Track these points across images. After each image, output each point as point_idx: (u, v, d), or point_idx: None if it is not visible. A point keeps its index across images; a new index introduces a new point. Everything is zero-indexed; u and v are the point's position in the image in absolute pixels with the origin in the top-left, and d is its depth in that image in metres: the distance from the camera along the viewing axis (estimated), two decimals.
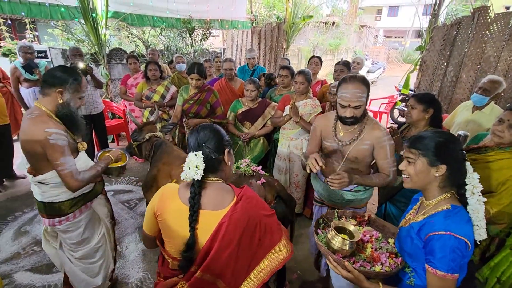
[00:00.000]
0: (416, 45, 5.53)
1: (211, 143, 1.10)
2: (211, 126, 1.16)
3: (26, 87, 4.06)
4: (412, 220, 1.19)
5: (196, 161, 1.04)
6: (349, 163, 1.76)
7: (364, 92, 1.57)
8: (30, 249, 2.64)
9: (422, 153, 1.13)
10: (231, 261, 1.05)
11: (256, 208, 1.11)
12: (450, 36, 4.34)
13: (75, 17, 4.66)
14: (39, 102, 1.58)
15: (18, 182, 3.81)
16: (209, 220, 1.05)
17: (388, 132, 1.69)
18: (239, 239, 1.04)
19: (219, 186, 1.12)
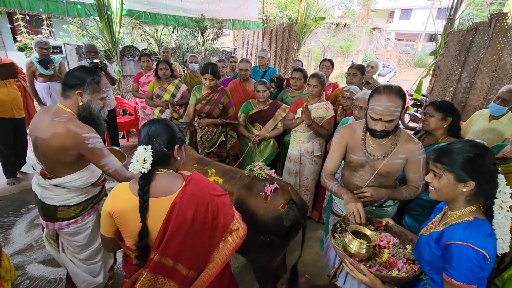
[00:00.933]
0: (428, 49, 5.47)
1: (161, 139, 1.15)
2: (164, 122, 1.21)
3: (41, 82, 4.14)
4: (433, 229, 1.18)
5: (144, 155, 1.09)
6: (379, 178, 1.67)
7: (399, 106, 1.46)
8: (42, 241, 2.67)
9: (448, 168, 1.08)
10: (187, 241, 1.11)
11: (206, 189, 1.18)
12: (465, 41, 4.27)
13: (91, 14, 4.74)
14: (62, 104, 1.56)
15: (31, 175, 3.86)
16: (161, 206, 1.10)
17: (422, 145, 1.61)
18: (192, 219, 1.09)
19: (168, 175, 1.18)
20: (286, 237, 1.67)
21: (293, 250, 2.67)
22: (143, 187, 1.10)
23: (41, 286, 2.23)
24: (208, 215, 1.14)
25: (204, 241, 1.16)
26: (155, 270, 1.11)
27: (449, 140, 1.95)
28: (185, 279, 1.15)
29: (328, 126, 2.75)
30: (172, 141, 1.18)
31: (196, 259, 1.15)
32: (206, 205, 1.14)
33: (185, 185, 1.15)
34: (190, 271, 1.15)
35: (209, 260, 1.18)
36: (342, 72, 13.69)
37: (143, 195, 1.09)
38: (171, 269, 1.12)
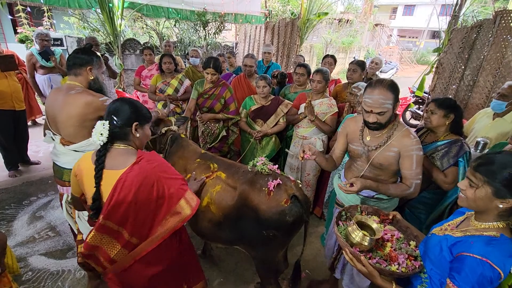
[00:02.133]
0: (431, 46, 5.44)
1: (119, 116, 1.27)
2: (127, 100, 1.32)
3: (42, 74, 4.13)
4: (449, 231, 1.15)
5: (101, 129, 1.23)
6: (374, 169, 1.71)
7: (388, 98, 1.50)
8: (44, 234, 2.71)
9: (488, 181, 1.00)
10: (129, 212, 1.23)
11: (155, 169, 1.27)
12: (469, 39, 4.23)
13: (92, 6, 4.69)
14: (73, 81, 1.82)
15: (33, 167, 3.89)
16: (112, 178, 1.23)
17: (419, 142, 1.61)
18: (135, 194, 1.21)
19: (125, 151, 1.30)
20: (288, 233, 1.67)
21: (295, 245, 2.69)
22: (99, 157, 1.24)
23: (44, 278, 2.24)
24: (153, 194, 1.25)
25: (147, 216, 1.27)
26: (101, 230, 1.26)
27: (452, 137, 1.94)
28: (127, 243, 1.28)
29: (331, 122, 2.74)
30: (130, 119, 1.29)
31: (139, 229, 1.28)
32: (152, 185, 1.24)
33: (135, 162, 1.25)
34: (132, 237, 1.28)
35: (151, 233, 1.31)
36: (344, 68, 13.62)
37: (98, 165, 1.23)
38: (116, 232, 1.27)
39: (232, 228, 1.74)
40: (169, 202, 1.30)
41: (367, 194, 1.78)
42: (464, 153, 1.87)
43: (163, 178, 1.28)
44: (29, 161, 3.93)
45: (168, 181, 1.29)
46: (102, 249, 1.30)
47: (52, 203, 3.17)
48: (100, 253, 1.31)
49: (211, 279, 2.34)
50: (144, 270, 1.34)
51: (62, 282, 2.22)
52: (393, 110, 1.56)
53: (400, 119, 6.71)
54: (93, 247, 1.29)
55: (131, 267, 1.33)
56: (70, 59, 1.82)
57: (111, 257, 1.30)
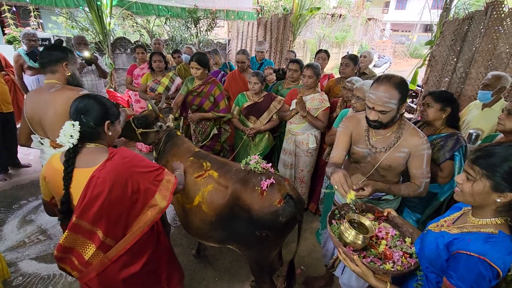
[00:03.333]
0: (424, 39, 5.44)
1: (90, 115, 1.21)
2: (95, 97, 1.26)
3: (30, 75, 4.04)
4: (445, 228, 1.11)
5: (70, 131, 1.17)
6: (380, 171, 1.63)
7: (393, 97, 1.40)
8: (35, 237, 2.66)
9: (487, 174, 0.97)
10: (104, 211, 1.18)
11: (128, 165, 1.23)
12: (461, 31, 4.23)
13: (80, 4, 4.60)
14: (50, 79, 1.79)
15: (23, 170, 3.82)
16: (83, 177, 1.18)
17: (428, 140, 1.55)
18: (109, 191, 1.17)
19: (96, 149, 1.26)
20: (282, 233, 1.65)
21: (289, 242, 2.67)
22: (68, 159, 1.19)
23: (34, 282, 2.20)
24: (127, 190, 1.21)
25: (122, 213, 1.23)
26: (74, 230, 1.21)
27: (448, 131, 1.92)
28: (102, 244, 1.24)
29: (323, 117, 2.71)
30: (102, 118, 1.24)
31: (113, 228, 1.24)
32: (126, 180, 1.21)
33: (107, 159, 1.21)
34: (107, 237, 1.23)
35: (127, 231, 1.27)
36: (337, 63, 13.62)
37: (68, 167, 1.19)
38: (90, 232, 1.22)
39: (224, 228, 1.71)
40: (145, 196, 1.27)
41: (373, 196, 1.71)
42: (460, 147, 1.85)
43: (137, 172, 1.25)
44: (19, 164, 3.86)
45: (142, 175, 1.26)
46: (76, 251, 1.26)
47: (42, 206, 3.11)
48: (74, 256, 1.27)
49: (206, 278, 2.31)
50: (119, 272, 1.30)
51: (54, 286, 2.18)
52: (398, 110, 1.46)
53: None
54: (66, 248, 1.25)
55: (106, 269, 1.28)
56: (43, 56, 1.76)
57: (86, 260, 1.25)
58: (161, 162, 2.05)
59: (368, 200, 1.70)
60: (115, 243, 1.26)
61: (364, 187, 1.51)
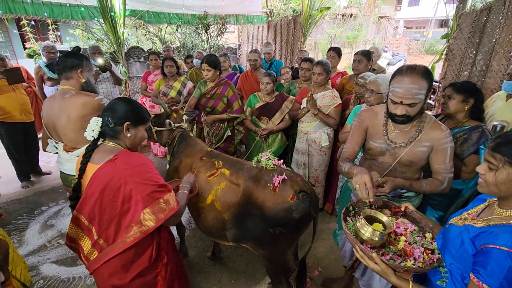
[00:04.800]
0: (439, 35, 5.26)
1: (111, 114, 1.28)
2: (126, 100, 1.32)
3: (49, 86, 4.19)
4: (469, 221, 1.04)
5: (93, 126, 1.26)
6: (400, 167, 1.55)
7: (422, 88, 1.32)
8: (55, 241, 2.73)
9: (509, 161, 0.91)
10: (95, 211, 1.22)
11: (127, 172, 1.19)
12: (479, 22, 4.07)
13: (94, 16, 4.75)
14: (64, 85, 1.83)
15: (44, 177, 3.96)
16: (91, 171, 1.24)
17: (451, 133, 1.47)
18: (100, 193, 1.19)
19: (112, 148, 1.29)
20: (296, 230, 1.60)
21: (306, 243, 2.61)
22: (87, 152, 1.27)
23: (55, 285, 2.24)
24: (118, 196, 1.19)
25: (112, 218, 1.22)
26: (74, 222, 1.28)
27: (472, 123, 1.83)
28: (95, 243, 1.26)
29: (335, 114, 2.66)
30: (122, 118, 1.28)
31: (104, 231, 1.23)
32: (118, 187, 1.18)
33: (109, 160, 1.23)
34: (100, 238, 1.25)
35: (117, 238, 1.24)
36: (350, 63, 13.42)
37: (84, 158, 1.27)
38: (87, 228, 1.26)
39: (237, 226, 1.69)
40: (134, 209, 1.19)
41: (393, 193, 1.64)
42: (485, 140, 1.74)
43: (133, 182, 1.18)
44: (41, 171, 4.00)
45: (138, 186, 1.18)
46: (79, 243, 1.31)
47: (62, 211, 3.20)
48: (79, 248, 1.32)
49: (222, 280, 2.29)
50: (108, 278, 1.26)
51: None
52: (425, 101, 1.38)
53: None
54: (72, 239, 1.31)
55: (98, 271, 1.28)
56: (59, 63, 1.81)
57: (85, 254, 1.29)
58: (174, 162, 2.07)
59: (388, 198, 1.63)
60: (106, 246, 1.24)
61: (383, 184, 1.45)
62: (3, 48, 8.58)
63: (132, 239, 1.21)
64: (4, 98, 3.29)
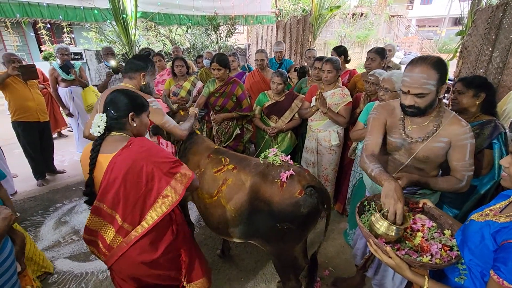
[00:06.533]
0: (453, 33, 5.13)
1: (115, 108, 1.32)
2: (122, 91, 1.36)
3: (63, 87, 4.31)
4: (491, 217, 1.00)
5: (99, 122, 1.30)
6: (416, 163, 1.50)
7: (431, 78, 1.28)
8: (69, 238, 2.79)
9: None
10: (119, 195, 1.26)
11: (144, 154, 1.27)
12: (495, 18, 3.94)
13: (107, 18, 4.86)
14: (127, 83, 1.98)
15: (59, 176, 4.06)
16: (105, 162, 1.27)
17: (471, 128, 1.41)
18: (123, 177, 1.24)
19: (120, 137, 1.35)
20: (304, 225, 1.59)
21: (316, 243, 2.59)
22: (94, 147, 1.31)
23: (68, 280, 2.30)
24: (142, 177, 1.26)
25: (138, 199, 1.28)
26: (96, 213, 1.31)
27: (484, 118, 1.78)
28: (120, 228, 1.30)
29: (344, 112, 2.62)
30: (125, 110, 1.33)
31: (130, 213, 1.29)
32: (140, 168, 1.25)
33: (124, 146, 1.28)
34: (125, 222, 1.29)
35: (142, 218, 1.31)
36: (360, 63, 13.26)
37: (92, 153, 1.30)
38: (110, 216, 1.30)
39: (245, 222, 1.69)
40: (159, 185, 1.29)
41: (407, 190, 1.59)
42: (498, 134, 1.69)
43: (153, 162, 1.28)
44: (55, 170, 4.11)
45: (157, 164, 1.28)
46: (99, 234, 1.34)
47: (76, 208, 3.28)
48: (99, 239, 1.35)
49: (231, 278, 2.29)
50: (138, 256, 1.34)
51: (86, 284, 2.26)
52: (437, 93, 1.33)
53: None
54: (91, 231, 1.34)
55: (125, 254, 1.32)
56: (128, 63, 2.01)
57: (108, 243, 1.32)
58: (181, 160, 2.08)
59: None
60: (132, 229, 1.31)
61: (398, 180, 1.40)
62: (20, 51, 8.88)
63: (159, 215, 1.30)
64: (21, 98, 3.39)
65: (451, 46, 16.21)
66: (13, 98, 3.37)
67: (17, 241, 1.51)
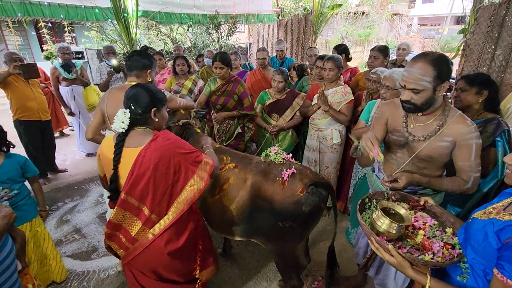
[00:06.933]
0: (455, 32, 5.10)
1: (139, 103, 1.34)
2: (143, 87, 1.38)
3: (65, 86, 4.31)
4: (494, 215, 0.99)
5: (122, 118, 1.31)
6: (419, 162, 1.49)
7: (427, 74, 1.27)
8: (71, 236, 2.80)
9: None
10: (149, 187, 1.29)
11: (170, 146, 1.32)
12: (498, 16, 3.91)
13: (108, 17, 4.86)
14: (133, 81, 1.96)
15: (60, 175, 4.06)
16: (131, 156, 1.30)
17: (477, 128, 1.38)
18: (153, 169, 1.27)
19: (143, 131, 1.38)
20: (306, 223, 1.58)
21: (318, 241, 2.58)
22: (118, 142, 1.32)
23: (70, 278, 2.30)
24: (170, 168, 1.31)
25: (165, 190, 1.33)
26: (123, 206, 1.33)
27: (487, 116, 1.76)
28: (147, 220, 1.34)
29: (346, 111, 2.61)
30: (149, 106, 1.36)
31: (158, 205, 1.33)
32: (169, 160, 1.30)
33: (152, 139, 1.32)
34: (152, 214, 1.33)
35: (170, 208, 1.36)
36: (362, 61, 13.22)
37: (117, 149, 1.31)
38: (137, 208, 1.33)
39: (247, 221, 1.68)
40: (185, 176, 1.36)
41: (409, 190, 1.57)
42: (502, 132, 1.68)
43: (179, 154, 1.33)
44: (57, 169, 4.11)
45: (183, 156, 1.34)
46: (123, 228, 1.37)
47: (77, 207, 3.28)
48: (122, 233, 1.39)
49: (233, 277, 2.28)
50: (164, 247, 1.38)
51: (88, 282, 2.26)
52: (435, 91, 1.31)
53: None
54: (115, 225, 1.37)
55: (151, 245, 1.36)
56: (133, 60, 1.98)
57: (133, 236, 1.36)
58: None
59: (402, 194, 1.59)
60: (159, 220, 1.35)
61: (398, 179, 1.39)
62: (22, 50, 8.90)
63: (186, 203, 1.36)
64: (23, 97, 3.39)
65: (453, 45, 16.13)
66: (15, 97, 3.37)
67: (17, 239, 1.50)
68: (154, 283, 1.47)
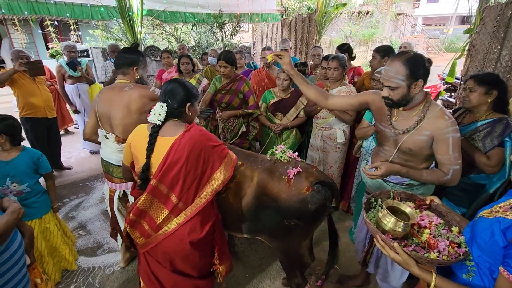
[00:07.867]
0: (460, 32, 5.08)
1: (175, 98, 1.40)
2: (179, 82, 1.44)
3: (70, 84, 4.35)
4: (501, 213, 0.99)
5: (159, 111, 1.37)
6: (402, 155, 1.56)
7: (399, 73, 1.37)
8: (76, 233, 2.82)
9: None
10: (180, 176, 1.35)
11: (202, 137, 1.40)
12: (504, 16, 3.88)
13: (113, 16, 4.88)
14: (122, 79, 1.95)
15: (65, 172, 4.10)
16: (165, 144, 1.36)
17: (456, 123, 1.44)
18: (186, 158, 1.34)
19: (177, 123, 1.44)
20: (311, 221, 1.59)
21: (321, 240, 2.59)
22: (153, 133, 1.38)
23: (76, 274, 2.32)
24: (200, 158, 1.38)
25: (195, 179, 1.39)
26: (152, 193, 1.38)
27: (495, 116, 1.76)
28: (174, 208, 1.39)
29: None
30: (184, 100, 1.42)
31: (186, 193, 1.39)
32: (200, 150, 1.38)
33: (185, 130, 1.39)
34: (180, 201, 1.39)
35: (196, 197, 1.42)
36: (366, 62, 13.17)
37: (151, 139, 1.37)
38: (165, 196, 1.38)
39: (252, 218, 1.69)
40: (212, 167, 1.43)
41: (398, 181, 1.64)
42: (510, 132, 1.68)
43: (208, 146, 1.41)
44: (62, 166, 4.15)
45: (212, 148, 1.42)
46: (149, 215, 1.42)
47: (83, 204, 3.31)
48: (146, 220, 1.43)
49: (236, 275, 2.30)
50: (188, 235, 1.41)
51: (93, 278, 2.28)
52: (409, 89, 1.40)
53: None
54: (141, 212, 1.41)
55: (175, 233, 1.41)
56: (119, 58, 1.95)
57: (157, 224, 1.40)
58: None
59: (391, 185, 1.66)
60: (185, 208, 1.41)
61: (378, 167, 1.47)
62: (28, 49, 8.96)
63: (212, 192, 1.42)
64: (29, 94, 3.43)
65: (458, 45, 16.04)
66: (21, 94, 3.41)
67: (26, 234, 1.52)
68: (168, 273, 1.49)
